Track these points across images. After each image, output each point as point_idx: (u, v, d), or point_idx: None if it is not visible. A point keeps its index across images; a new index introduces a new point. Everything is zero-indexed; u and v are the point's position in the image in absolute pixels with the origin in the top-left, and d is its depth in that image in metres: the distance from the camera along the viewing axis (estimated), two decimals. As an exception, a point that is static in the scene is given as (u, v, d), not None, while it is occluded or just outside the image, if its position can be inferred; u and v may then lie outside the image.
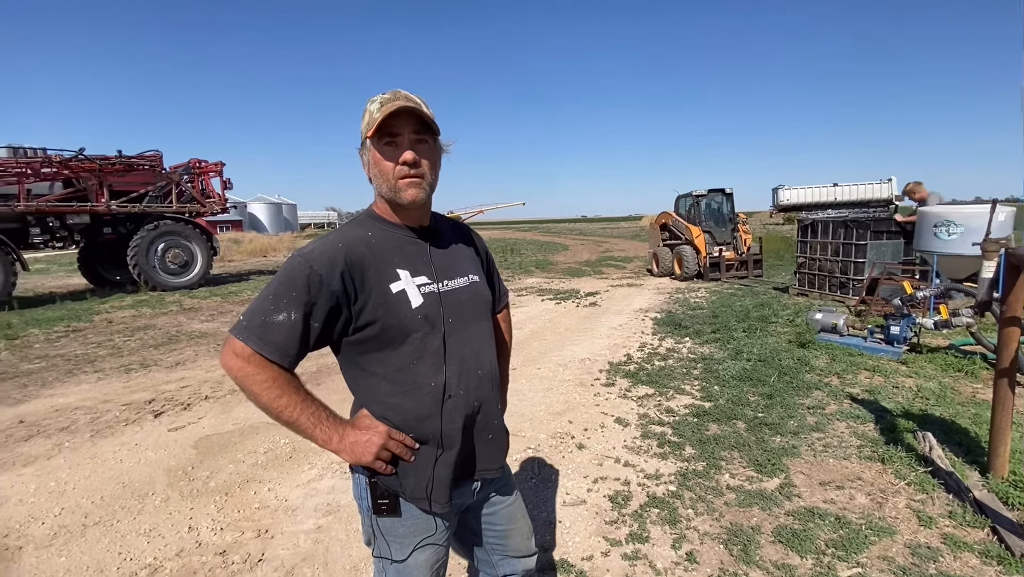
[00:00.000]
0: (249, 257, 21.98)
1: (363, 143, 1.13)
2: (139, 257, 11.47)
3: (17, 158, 10.66)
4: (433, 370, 1.13)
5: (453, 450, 1.15)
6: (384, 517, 1.16)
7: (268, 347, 1.02)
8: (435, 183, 1.15)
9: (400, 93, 1.10)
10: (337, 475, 3.05)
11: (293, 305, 1.03)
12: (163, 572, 2.25)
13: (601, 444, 3.37)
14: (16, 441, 3.72)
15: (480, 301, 1.26)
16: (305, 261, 1.05)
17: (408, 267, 1.14)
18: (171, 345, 6.63)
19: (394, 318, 1.09)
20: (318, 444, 1.09)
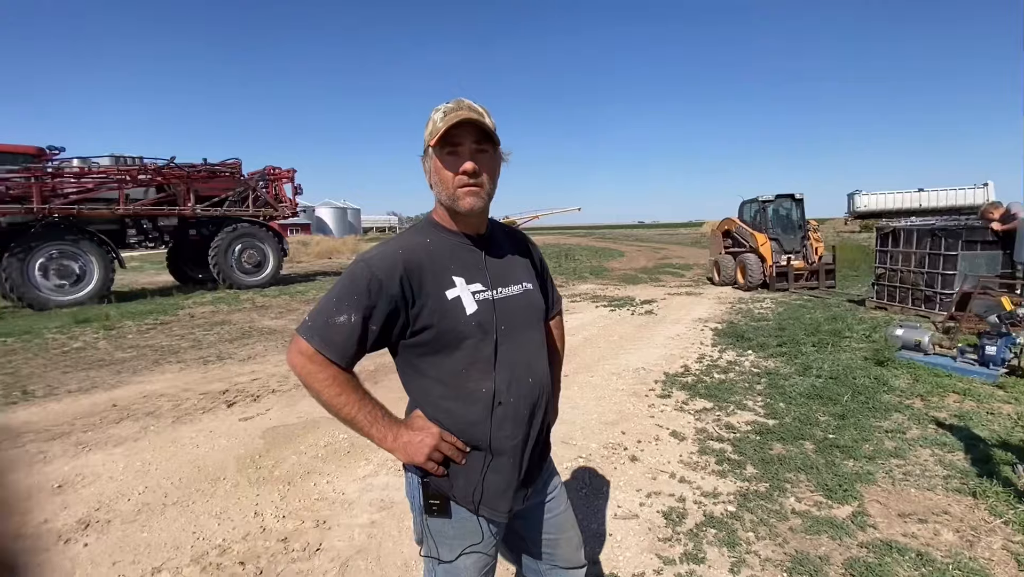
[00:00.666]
0: (316, 259, 23.14)
1: (426, 151, 1.16)
2: (219, 257, 12.37)
3: (118, 166, 11.78)
4: (483, 376, 1.15)
5: (503, 457, 1.17)
6: (434, 518, 1.18)
7: (329, 347, 1.07)
8: (493, 192, 1.17)
9: (464, 103, 1.12)
10: (392, 472, 3.13)
11: (354, 308, 1.07)
12: (231, 554, 2.39)
13: (655, 457, 3.27)
14: (109, 423, 4.09)
15: (533, 309, 1.27)
16: (367, 266, 1.09)
17: (464, 274, 1.16)
18: (244, 340, 7.08)
19: (449, 324, 1.12)
20: (374, 442, 1.13)
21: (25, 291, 9.91)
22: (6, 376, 5.49)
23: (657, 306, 9.12)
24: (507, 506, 1.19)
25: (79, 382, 5.21)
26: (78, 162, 11.75)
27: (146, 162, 12.10)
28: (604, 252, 24.61)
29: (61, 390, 4.97)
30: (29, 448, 3.63)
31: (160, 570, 2.28)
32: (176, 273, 14.50)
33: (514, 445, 1.17)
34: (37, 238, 10.17)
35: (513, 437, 1.17)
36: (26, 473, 3.26)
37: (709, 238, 15.29)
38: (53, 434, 3.88)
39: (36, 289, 10.03)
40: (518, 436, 1.18)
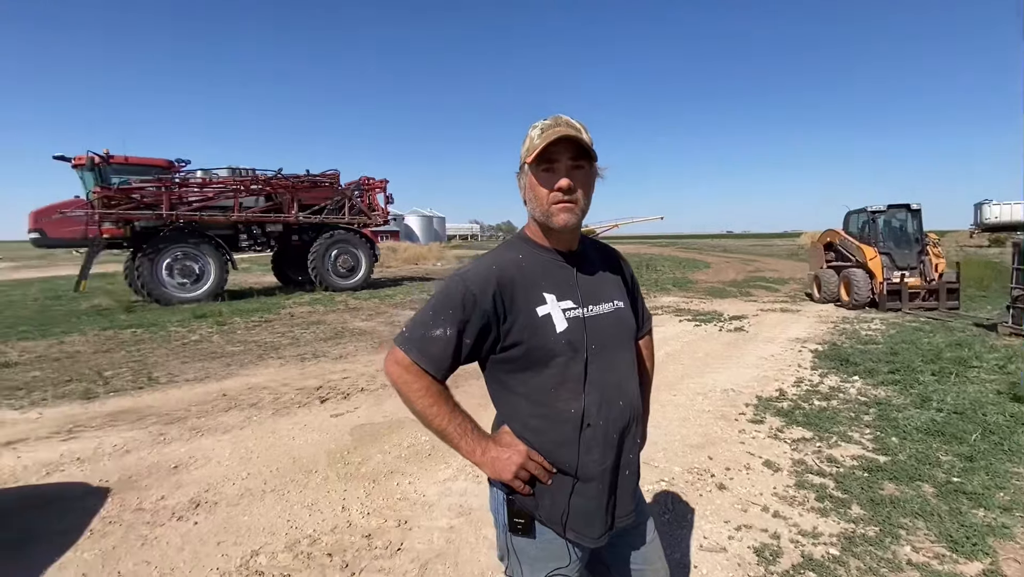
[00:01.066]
0: (403, 264, 24.24)
1: (522, 167, 1.16)
2: (317, 261, 13.35)
3: (234, 176, 13.07)
4: (572, 396, 1.12)
5: (591, 483, 1.13)
6: (519, 536, 1.16)
7: (425, 358, 1.09)
8: (587, 208, 1.16)
9: (561, 119, 1.12)
10: (470, 478, 3.17)
11: (449, 321, 1.09)
12: (320, 545, 2.52)
13: (745, 487, 3.05)
14: (219, 411, 4.50)
15: (624, 328, 1.24)
16: (462, 281, 1.12)
17: (555, 291, 1.15)
18: (337, 339, 7.53)
19: (539, 341, 1.11)
20: (462, 454, 1.14)
21: (153, 287, 11.22)
22: (135, 363, 6.24)
23: (748, 323, 8.58)
24: (596, 532, 1.15)
25: (195, 372, 5.80)
26: (201, 173, 13.18)
27: (257, 173, 13.32)
28: (688, 263, 23.61)
29: (180, 378, 5.56)
30: (151, 429, 4.08)
31: (258, 553, 2.45)
32: (279, 275, 15.81)
33: (603, 470, 1.13)
34: (165, 241, 11.49)
35: (602, 462, 1.13)
36: (148, 452, 3.66)
37: (808, 251, 14.15)
38: (172, 418, 4.34)
39: (162, 286, 11.33)
40: (607, 461, 1.14)
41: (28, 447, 3.75)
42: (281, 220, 13.46)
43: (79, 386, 5.25)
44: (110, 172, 11.78)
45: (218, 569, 2.34)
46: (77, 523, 2.73)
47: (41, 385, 5.33)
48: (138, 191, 11.52)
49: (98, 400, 4.84)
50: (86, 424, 4.21)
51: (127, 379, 5.53)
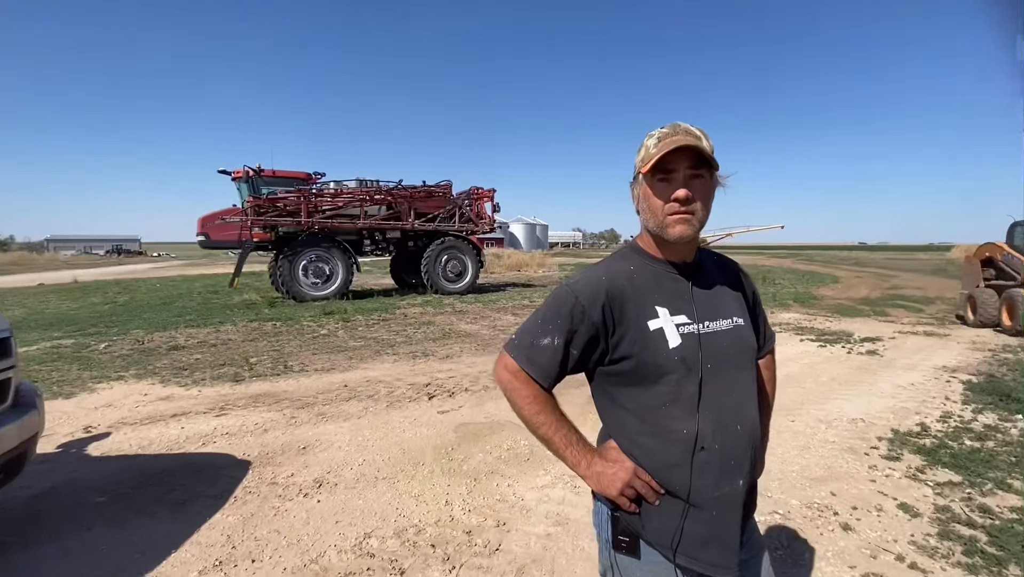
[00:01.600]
0: (506, 270, 24.85)
1: (636, 177, 1.14)
2: (429, 266, 14.19)
3: (361, 188, 14.32)
4: (685, 417, 1.07)
5: (703, 509, 1.07)
6: (623, 555, 1.13)
7: (533, 367, 1.11)
8: (706, 219, 1.11)
9: (680, 127, 1.08)
10: (568, 487, 3.17)
11: (557, 331, 1.10)
12: (424, 535, 2.67)
13: (876, 531, 2.71)
14: (340, 400, 4.94)
15: (744, 347, 1.17)
16: (571, 291, 1.12)
17: (667, 305, 1.11)
18: (444, 340, 7.92)
19: (649, 356, 1.08)
20: (567, 465, 1.14)
21: (292, 286, 12.62)
22: (275, 352, 7.05)
23: (883, 346, 7.60)
24: (713, 558, 1.09)
25: (322, 363, 6.43)
26: (333, 184, 14.61)
27: (381, 184, 14.48)
28: (812, 276, 21.48)
29: (310, 368, 6.19)
30: (285, 412, 4.59)
31: (370, 536, 2.66)
32: (396, 278, 17.04)
33: (716, 497, 1.07)
34: (302, 245, 12.89)
35: (716, 488, 1.07)
36: (282, 433, 4.12)
37: (961, 267, 12.19)
38: (302, 403, 4.84)
39: (299, 285, 12.71)
40: (722, 488, 1.08)
41: (189, 420, 4.41)
42: (399, 227, 14.51)
43: (230, 370, 6.07)
44: (260, 184, 13.51)
45: (335, 546, 2.57)
46: (224, 490, 3.16)
47: (201, 367, 6.23)
48: (282, 200, 13.06)
49: (244, 383, 5.56)
50: (234, 403, 4.85)
51: (267, 366, 6.28)
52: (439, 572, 2.36)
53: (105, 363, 6.42)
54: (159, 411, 4.63)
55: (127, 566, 2.40)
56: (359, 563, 2.43)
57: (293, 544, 2.59)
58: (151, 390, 5.30)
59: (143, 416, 4.50)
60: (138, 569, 2.38)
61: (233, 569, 2.39)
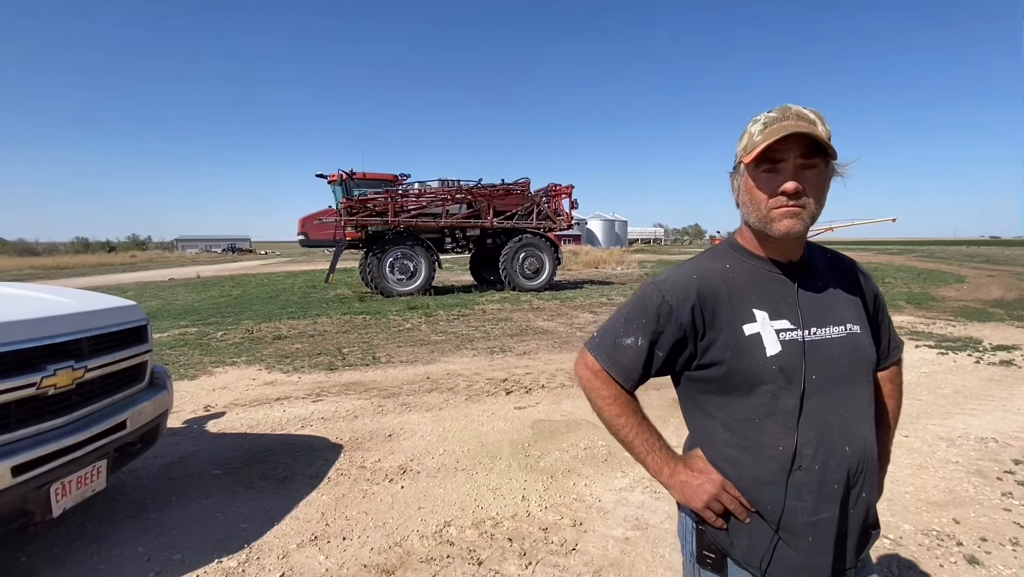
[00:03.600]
0: (584, 268, 24.56)
1: (736, 167, 1.05)
2: (507, 263, 14.37)
3: (443, 187, 14.81)
4: (782, 433, 0.98)
5: (797, 535, 0.97)
6: (708, 571, 1.07)
7: (615, 367, 1.07)
8: (818, 214, 0.99)
9: (790, 111, 0.97)
10: (648, 492, 3.07)
11: (641, 331, 1.05)
12: (501, 528, 2.71)
13: (1010, 568, 2.37)
14: (423, 391, 5.14)
15: (858, 359, 1.04)
16: (658, 290, 1.06)
17: (767, 308, 1.01)
18: (521, 336, 7.99)
19: (743, 364, 0.99)
20: (648, 471, 1.09)
21: (379, 281, 13.33)
22: (364, 344, 7.48)
23: (1021, 356, 6.63)
24: None
25: (407, 355, 6.73)
26: (417, 185, 15.22)
27: (461, 184, 14.88)
28: (931, 275, 19.17)
29: (396, 359, 6.50)
30: (373, 400, 4.85)
31: (449, 525, 2.74)
32: (475, 274, 17.44)
33: (813, 523, 0.97)
34: (389, 243, 13.56)
35: (814, 513, 0.97)
36: (370, 420, 4.36)
37: None
38: (389, 393, 5.09)
39: (386, 281, 13.39)
40: (821, 513, 0.97)
41: (290, 404, 4.80)
42: (479, 225, 14.83)
43: (325, 359, 6.53)
44: (353, 186, 14.37)
45: (417, 532, 2.68)
46: (320, 470, 3.40)
47: (301, 355, 6.76)
48: (371, 201, 13.81)
49: (337, 371, 5.95)
50: (328, 390, 5.21)
51: (358, 356, 6.68)
52: (516, 566, 2.39)
53: (221, 349, 7.15)
54: (265, 394, 5.08)
55: (238, 534, 2.66)
56: (439, 550, 2.52)
57: (379, 526, 2.74)
58: (258, 375, 5.83)
59: (252, 398, 4.96)
60: (247, 537, 2.63)
61: (327, 545, 2.57)
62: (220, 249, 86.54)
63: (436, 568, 2.37)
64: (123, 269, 34.21)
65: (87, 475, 2.28)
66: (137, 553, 2.49)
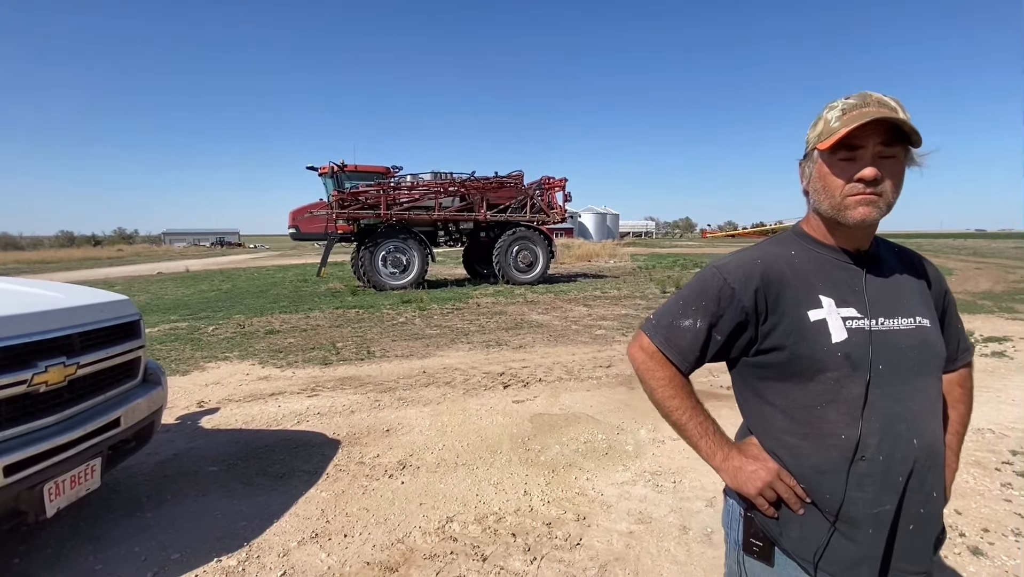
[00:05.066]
0: (576, 261, 24.56)
1: (808, 154, 1.03)
2: (501, 256, 14.32)
3: (436, 180, 14.68)
4: (846, 421, 0.96)
5: (859, 527, 0.95)
6: (754, 560, 1.06)
7: (671, 348, 1.07)
8: (894, 203, 0.97)
9: (870, 97, 0.94)
10: (650, 486, 3.06)
11: (700, 314, 1.04)
12: (504, 523, 2.69)
13: (1013, 558, 2.39)
14: (420, 386, 5.10)
15: (928, 353, 1.02)
16: (719, 273, 1.05)
17: (834, 295, 1.00)
18: (516, 330, 7.96)
19: (807, 350, 0.97)
20: (700, 455, 1.08)
21: (372, 275, 13.22)
22: (358, 338, 7.41)
23: (1012, 347, 6.71)
24: None
25: (402, 349, 6.68)
26: (409, 177, 15.08)
27: (454, 176, 14.76)
28: (920, 269, 19.34)
29: (391, 354, 6.45)
30: (369, 395, 4.81)
31: (452, 520, 2.71)
32: (468, 268, 17.37)
33: (875, 515, 0.94)
34: (381, 236, 13.44)
35: (875, 504, 0.94)
36: (367, 415, 4.32)
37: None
38: (385, 387, 5.05)
39: (379, 274, 13.29)
40: (883, 505, 0.95)
41: (285, 399, 4.73)
42: (472, 218, 14.74)
43: (319, 353, 6.46)
44: (344, 178, 14.21)
45: (420, 528, 2.65)
46: (318, 466, 3.35)
47: (294, 350, 6.68)
48: (363, 194, 13.67)
49: (332, 366, 5.89)
50: (323, 385, 5.15)
51: (352, 351, 6.61)
52: (520, 562, 2.36)
53: (213, 344, 7.05)
54: (259, 389, 5.02)
55: (237, 532, 2.62)
56: (443, 546, 2.49)
57: (381, 523, 2.70)
58: (252, 370, 5.76)
59: (246, 394, 4.89)
60: (246, 535, 2.59)
61: (328, 542, 2.53)
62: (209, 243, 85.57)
63: (440, 564, 2.35)
64: (110, 263, 33.72)
65: (81, 474, 2.22)
66: (133, 553, 2.44)
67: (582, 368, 5.67)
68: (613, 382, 5.14)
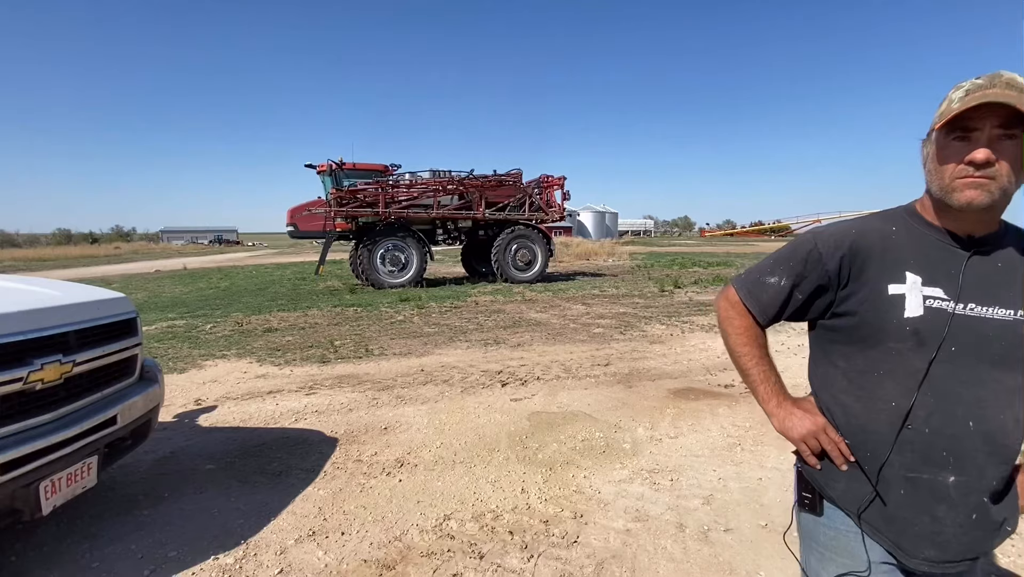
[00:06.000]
0: (575, 260, 24.57)
1: (929, 133, 1.01)
2: (499, 255, 14.32)
3: (434, 178, 14.67)
4: (900, 392, 1.00)
5: (893, 487, 1.01)
6: (805, 512, 1.14)
7: (752, 299, 1.15)
8: (1012, 189, 0.94)
9: (1000, 78, 0.91)
10: (647, 483, 3.07)
11: (786, 272, 1.11)
12: (502, 521, 2.69)
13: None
14: (418, 384, 5.10)
15: (1018, 345, 0.98)
16: (813, 237, 1.11)
17: (923, 274, 1.01)
18: (514, 328, 7.96)
19: (875, 319, 1.02)
20: (757, 399, 1.17)
21: (370, 273, 13.21)
22: (356, 336, 7.41)
23: None
24: (894, 537, 1.02)
25: (400, 347, 6.68)
26: (408, 176, 15.06)
27: (453, 174, 14.75)
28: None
29: (389, 352, 6.45)
30: (367, 393, 4.80)
31: (449, 518, 2.72)
32: (467, 266, 17.34)
33: (909, 479, 1.00)
34: (380, 234, 13.43)
35: (911, 469, 0.99)
36: (365, 413, 4.32)
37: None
38: (383, 386, 5.05)
39: (377, 272, 13.27)
40: (920, 473, 0.99)
41: (283, 397, 4.73)
42: (471, 217, 14.74)
43: (317, 351, 6.45)
44: (343, 176, 14.19)
45: (417, 525, 2.65)
46: (315, 464, 3.35)
47: (292, 348, 6.67)
48: (362, 192, 13.65)
49: (330, 364, 5.88)
50: (321, 383, 5.15)
51: (350, 349, 6.61)
52: (517, 560, 2.37)
53: (211, 342, 7.04)
54: (257, 387, 5.01)
55: (235, 530, 2.62)
56: (440, 544, 2.49)
57: (378, 520, 2.71)
58: (249, 368, 5.75)
59: (243, 392, 4.89)
60: (244, 533, 2.59)
61: (325, 540, 2.53)
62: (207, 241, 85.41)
63: (437, 562, 2.35)
64: (107, 261, 33.65)
65: (77, 472, 2.21)
66: (130, 551, 2.44)
67: (580, 366, 5.67)
68: (611, 380, 5.15)
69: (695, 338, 7.09)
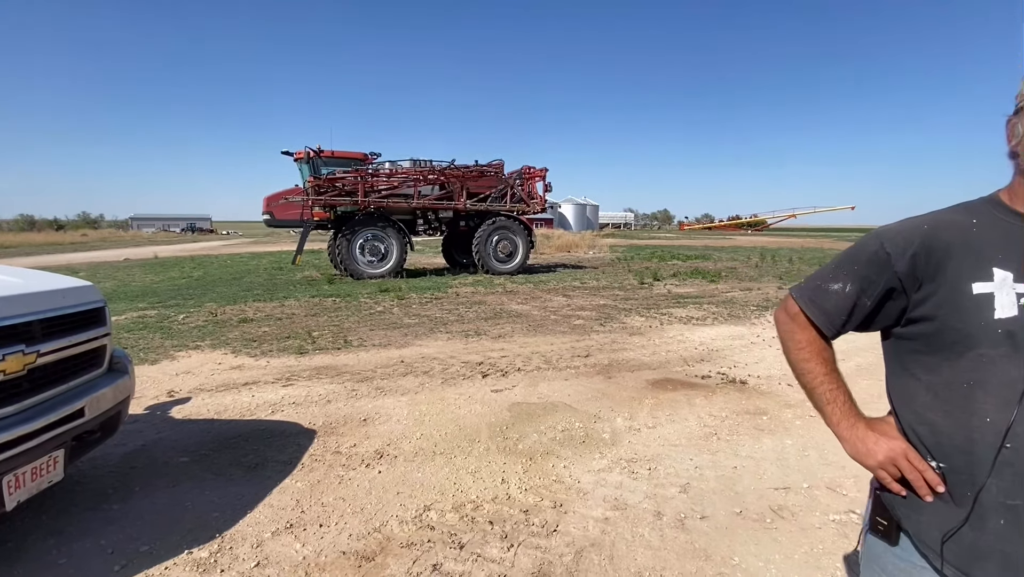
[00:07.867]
0: (556, 252, 24.65)
1: (1018, 111, 0.93)
2: (480, 246, 14.25)
3: (415, 168, 14.50)
4: (996, 404, 0.88)
5: (989, 518, 0.88)
6: (876, 537, 1.04)
7: (814, 309, 1.05)
8: None
9: None
10: (626, 473, 3.11)
11: (851, 277, 1.01)
12: (482, 511, 2.70)
13: None
14: (398, 375, 5.07)
15: None
16: (877, 237, 1.00)
17: (1013, 269, 0.90)
18: (495, 320, 7.96)
19: (959, 322, 0.90)
20: (826, 420, 1.07)
21: (349, 263, 13.03)
22: (335, 327, 7.31)
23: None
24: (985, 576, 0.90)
25: (380, 338, 6.61)
26: (388, 165, 14.86)
27: (434, 164, 14.60)
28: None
29: (368, 343, 6.38)
30: (346, 385, 4.75)
31: (429, 509, 2.71)
32: (447, 257, 17.27)
33: (1009, 506, 0.87)
34: (359, 224, 13.24)
35: (1010, 495, 0.87)
36: (344, 404, 4.27)
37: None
38: (362, 377, 5.00)
39: (356, 263, 13.10)
40: (1017, 498, 0.87)
41: (259, 389, 4.65)
42: (452, 207, 14.62)
43: (294, 342, 6.35)
44: (320, 164, 13.92)
45: (397, 517, 2.64)
46: (293, 456, 3.31)
47: (268, 339, 6.56)
48: (340, 180, 13.42)
49: (307, 355, 5.80)
50: (299, 374, 5.07)
51: (328, 340, 6.52)
52: (497, 549, 2.38)
53: (184, 333, 6.88)
54: (232, 379, 4.92)
55: (209, 523, 2.57)
56: (420, 535, 2.48)
57: (357, 512, 2.69)
58: (224, 359, 5.63)
59: (218, 383, 4.79)
60: (219, 526, 2.54)
61: (303, 533, 2.50)
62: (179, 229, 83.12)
63: (417, 553, 2.35)
64: (73, 248, 32.52)
65: (43, 466, 2.14)
66: (99, 546, 2.38)
67: (560, 358, 5.70)
68: (591, 371, 5.19)
69: (673, 330, 7.18)
